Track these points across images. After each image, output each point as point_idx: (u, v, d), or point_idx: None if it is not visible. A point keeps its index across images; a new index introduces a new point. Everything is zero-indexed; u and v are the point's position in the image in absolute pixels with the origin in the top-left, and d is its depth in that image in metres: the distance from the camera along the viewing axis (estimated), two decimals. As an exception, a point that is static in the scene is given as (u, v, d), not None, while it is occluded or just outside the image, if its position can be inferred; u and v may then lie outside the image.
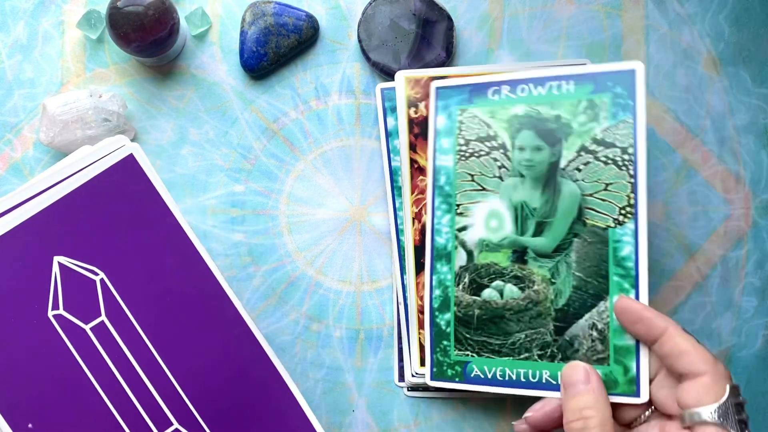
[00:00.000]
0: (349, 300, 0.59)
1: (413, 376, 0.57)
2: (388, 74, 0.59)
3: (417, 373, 0.57)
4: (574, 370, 0.49)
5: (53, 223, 0.48)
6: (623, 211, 0.51)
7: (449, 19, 0.59)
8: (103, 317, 0.49)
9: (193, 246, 0.51)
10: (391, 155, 0.58)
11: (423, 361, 0.57)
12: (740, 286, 0.59)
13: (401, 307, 0.58)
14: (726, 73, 0.60)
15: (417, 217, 0.57)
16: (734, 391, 0.45)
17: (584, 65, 0.53)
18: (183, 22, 0.59)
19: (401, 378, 0.59)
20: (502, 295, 0.53)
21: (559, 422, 0.50)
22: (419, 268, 0.57)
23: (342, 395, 0.59)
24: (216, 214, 0.60)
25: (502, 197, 0.53)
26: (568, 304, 0.52)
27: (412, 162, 0.57)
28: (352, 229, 0.60)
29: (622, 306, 0.49)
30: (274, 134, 0.60)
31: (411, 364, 0.57)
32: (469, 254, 0.54)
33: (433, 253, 0.54)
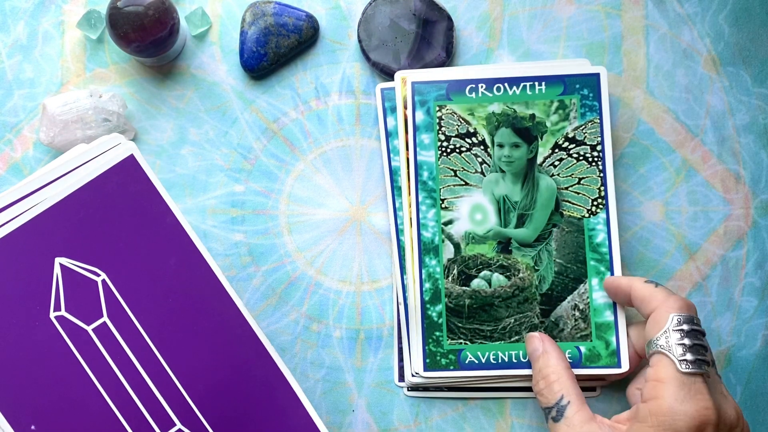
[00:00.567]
0: (349, 300, 0.59)
1: (413, 376, 0.57)
2: (388, 74, 0.59)
3: (417, 373, 0.57)
4: (530, 340, 0.55)
5: (54, 225, 0.48)
6: (595, 203, 0.57)
7: (449, 19, 0.59)
8: (105, 318, 0.49)
9: (194, 246, 0.51)
10: (391, 155, 0.58)
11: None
12: (740, 286, 0.59)
13: (401, 307, 0.58)
14: (726, 73, 0.60)
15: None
16: (684, 320, 0.48)
17: (554, 66, 0.57)
18: (183, 22, 0.59)
19: (401, 378, 0.59)
20: (490, 284, 0.57)
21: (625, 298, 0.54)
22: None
23: (342, 395, 0.59)
24: (216, 214, 0.60)
25: (485, 191, 0.57)
26: (552, 288, 0.57)
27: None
28: (352, 229, 0.60)
29: (604, 285, 0.56)
30: (274, 134, 0.60)
31: (411, 364, 0.57)
32: (457, 247, 0.57)
33: (421, 248, 0.57)
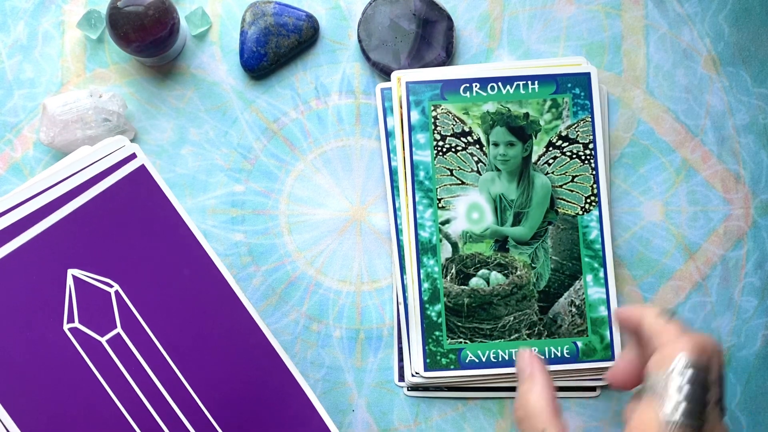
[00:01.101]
0: (349, 300, 0.59)
1: (413, 375, 0.57)
2: (388, 74, 0.59)
3: (417, 373, 0.57)
4: (519, 357, 0.48)
5: (66, 236, 0.48)
6: (588, 200, 0.58)
7: (449, 19, 0.59)
8: (118, 329, 0.48)
9: (208, 256, 0.51)
10: (391, 155, 0.58)
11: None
12: (740, 285, 0.59)
13: (401, 307, 0.58)
14: (726, 73, 0.60)
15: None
16: (692, 364, 0.40)
17: (548, 64, 0.58)
18: (183, 22, 0.59)
19: (401, 378, 0.59)
20: (488, 282, 0.57)
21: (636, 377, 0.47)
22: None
23: (342, 395, 0.59)
24: (216, 214, 0.60)
25: (481, 190, 0.57)
26: (549, 285, 0.57)
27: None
28: (352, 229, 0.60)
29: (614, 316, 0.51)
30: (274, 134, 0.60)
31: (411, 363, 0.57)
32: (454, 246, 0.57)
33: (419, 248, 0.57)
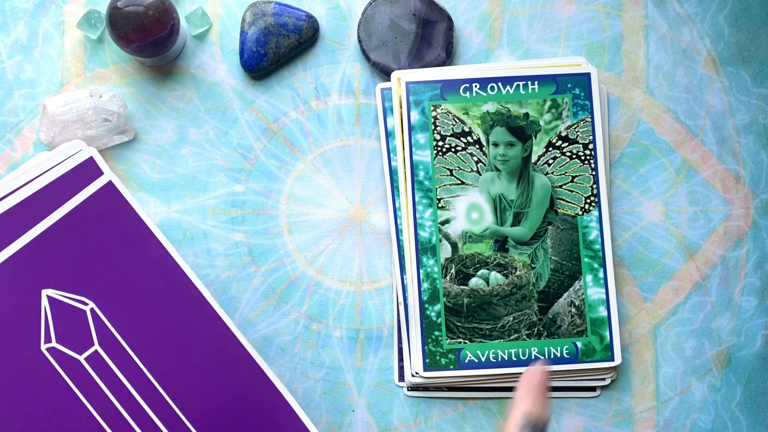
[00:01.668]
0: (349, 300, 0.59)
1: (413, 375, 0.57)
2: (388, 74, 0.59)
3: (416, 373, 0.57)
4: (525, 373, 0.44)
5: (38, 257, 0.48)
6: (588, 200, 0.57)
7: (449, 19, 0.59)
8: (96, 346, 0.48)
9: (179, 267, 0.51)
10: (391, 155, 0.58)
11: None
12: (740, 285, 0.59)
13: (401, 307, 0.58)
14: (726, 73, 0.60)
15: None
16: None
17: (548, 64, 0.58)
18: (183, 22, 0.59)
19: (401, 378, 0.59)
20: (488, 282, 0.57)
21: None
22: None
23: (342, 395, 0.59)
24: (216, 214, 0.60)
25: (480, 190, 0.57)
26: (548, 285, 0.57)
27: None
28: (352, 229, 0.60)
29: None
30: (274, 134, 0.60)
31: (411, 363, 0.57)
32: (454, 246, 0.57)
33: (418, 247, 0.57)
